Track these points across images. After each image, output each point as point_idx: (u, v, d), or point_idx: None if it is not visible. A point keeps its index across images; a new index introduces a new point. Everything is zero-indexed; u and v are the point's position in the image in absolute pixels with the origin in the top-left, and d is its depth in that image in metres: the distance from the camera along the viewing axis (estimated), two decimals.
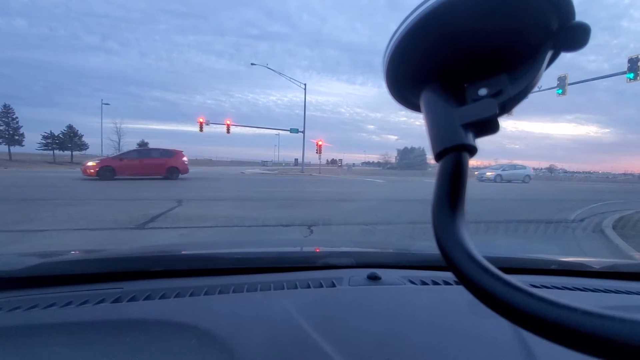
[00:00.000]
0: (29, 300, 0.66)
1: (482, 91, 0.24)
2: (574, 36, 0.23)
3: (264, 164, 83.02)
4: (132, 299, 0.68)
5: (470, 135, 0.24)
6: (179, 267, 0.85)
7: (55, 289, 0.73)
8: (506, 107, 0.24)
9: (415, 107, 0.29)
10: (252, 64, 29.65)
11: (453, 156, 0.24)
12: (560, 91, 15.02)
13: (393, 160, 55.12)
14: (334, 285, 0.78)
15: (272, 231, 4.81)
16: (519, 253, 1.21)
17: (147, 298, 0.68)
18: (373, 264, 0.91)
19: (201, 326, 0.57)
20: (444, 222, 0.22)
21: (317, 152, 31.02)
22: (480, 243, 4.16)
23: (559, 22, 0.22)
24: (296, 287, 0.76)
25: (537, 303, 0.17)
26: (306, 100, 29.24)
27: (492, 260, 0.20)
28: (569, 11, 0.22)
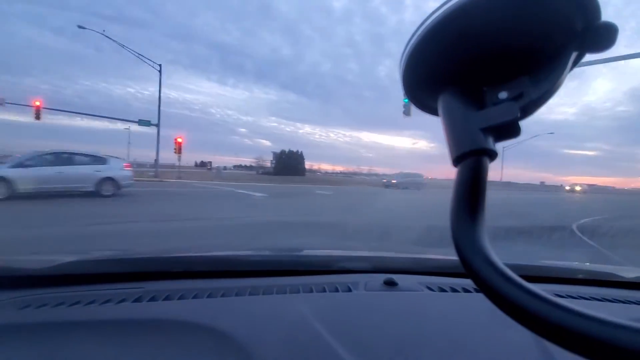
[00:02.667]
0: (56, 297, 0.69)
1: (503, 94, 0.24)
2: (600, 37, 0.21)
3: None
4: (152, 299, 0.69)
5: (490, 140, 0.23)
6: (198, 269, 0.87)
7: (80, 287, 0.76)
8: (528, 111, 0.24)
9: (432, 111, 0.28)
10: (79, 26, 21.27)
11: (473, 161, 0.23)
12: (406, 100, 15.12)
13: (268, 164, 52.19)
14: (350, 290, 0.77)
15: None
16: (541, 261, 1.16)
17: (167, 298, 0.70)
18: (389, 269, 0.91)
19: (218, 327, 0.57)
20: (464, 228, 0.22)
21: (175, 152, 24.86)
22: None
23: (583, 22, 0.21)
24: (312, 291, 0.76)
25: (564, 314, 0.17)
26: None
27: (513, 267, 0.19)
28: (595, 11, 0.21)
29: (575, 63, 0.24)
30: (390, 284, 0.80)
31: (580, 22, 0.21)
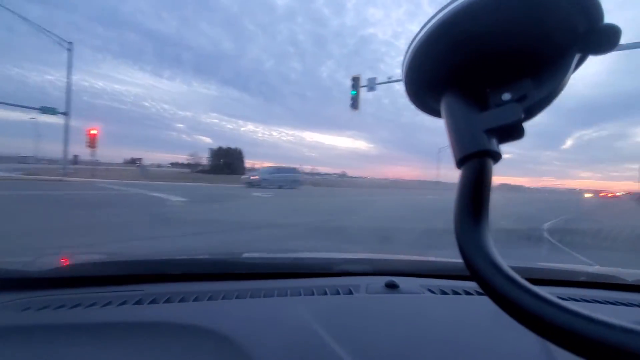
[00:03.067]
0: (57, 300, 0.69)
1: (506, 96, 0.24)
2: (603, 39, 0.22)
3: (22, 160, 64.83)
4: (153, 302, 0.69)
5: (494, 141, 0.23)
6: (198, 271, 0.87)
7: (81, 289, 0.76)
8: (531, 112, 0.24)
9: (435, 113, 0.28)
10: None
11: (476, 162, 0.23)
12: (354, 92, 13.92)
13: (204, 161, 48.45)
14: (351, 293, 0.77)
15: None
16: (544, 263, 1.17)
17: (167, 301, 0.70)
18: (391, 272, 0.90)
19: (218, 330, 0.57)
20: (467, 230, 0.22)
21: (88, 146, 21.51)
22: None
23: (586, 24, 0.21)
24: (313, 294, 0.76)
25: (570, 317, 0.17)
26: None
27: (516, 270, 0.19)
28: (597, 13, 0.21)
29: (579, 65, 0.24)
30: (392, 286, 0.80)
31: (582, 24, 0.21)
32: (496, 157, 0.23)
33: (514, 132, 0.23)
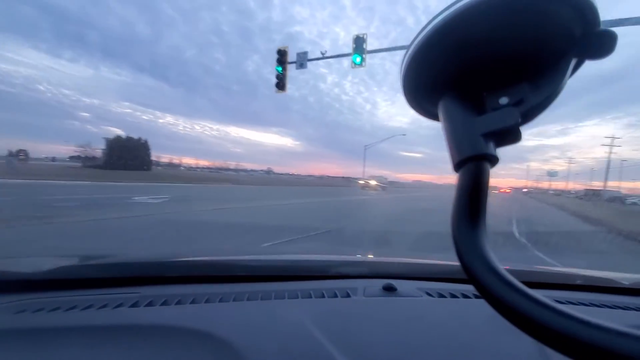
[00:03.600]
0: (52, 302, 0.68)
1: (503, 100, 0.24)
2: (599, 44, 0.22)
3: None
4: (149, 304, 0.69)
5: (491, 145, 0.23)
6: (195, 273, 0.87)
7: (77, 292, 0.75)
8: (528, 116, 0.24)
9: (433, 116, 0.28)
10: None
11: (473, 166, 0.23)
12: (279, 69, 10.89)
13: (99, 154, 39.69)
14: (348, 296, 0.77)
15: None
16: (540, 266, 1.19)
17: (164, 303, 0.69)
18: (388, 275, 0.91)
19: (215, 333, 0.57)
20: (465, 233, 0.22)
21: None
22: None
23: (582, 29, 0.22)
24: (310, 297, 0.76)
25: (567, 321, 0.17)
26: None
27: (513, 273, 0.19)
28: (594, 18, 0.21)
29: (575, 69, 0.24)
30: (389, 289, 0.80)
31: (579, 29, 0.22)
32: (493, 160, 0.24)
33: (511, 135, 0.23)
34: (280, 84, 11.31)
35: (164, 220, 6.21)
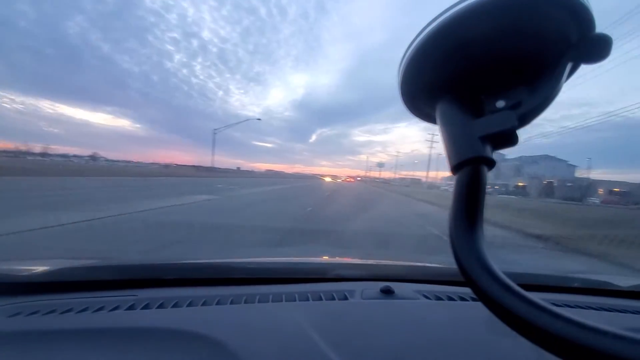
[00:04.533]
0: (47, 305, 0.68)
1: (500, 103, 0.24)
2: (595, 48, 0.22)
3: None
4: (146, 307, 0.68)
5: (488, 148, 0.23)
6: (192, 276, 0.86)
7: (72, 294, 0.74)
8: (525, 120, 0.24)
9: (430, 119, 0.28)
10: None
11: (471, 169, 0.23)
12: None
13: None
14: (346, 298, 0.77)
15: None
16: (538, 269, 1.23)
17: (160, 306, 0.69)
18: (386, 277, 0.91)
19: (212, 336, 0.56)
20: (462, 236, 0.22)
21: None
22: None
23: (578, 33, 0.22)
24: (308, 299, 0.75)
25: (564, 325, 0.17)
26: None
27: (511, 276, 0.19)
28: (589, 23, 0.21)
29: (571, 73, 0.24)
30: (387, 292, 0.80)
31: (575, 33, 0.22)
32: (490, 163, 0.23)
33: (508, 138, 0.23)
34: None
35: None
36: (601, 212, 16.55)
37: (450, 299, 0.80)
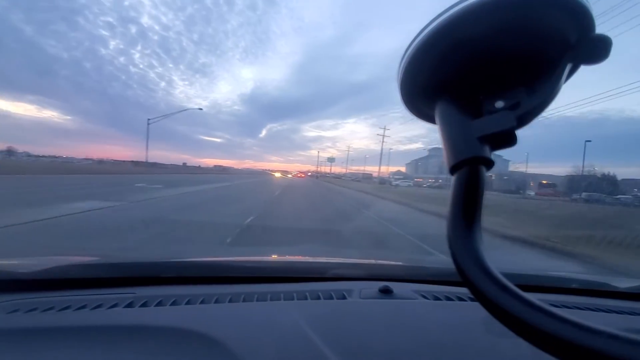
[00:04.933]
0: (46, 302, 0.67)
1: (499, 103, 0.24)
2: (594, 49, 0.22)
3: None
4: (144, 305, 0.68)
5: (487, 148, 0.23)
6: (191, 274, 0.86)
7: (71, 292, 0.74)
8: (524, 120, 0.24)
9: (429, 119, 0.28)
10: None
11: (469, 169, 0.23)
12: None
13: None
14: (344, 298, 0.77)
15: None
16: (536, 270, 1.20)
17: (159, 304, 0.69)
18: (384, 277, 0.91)
19: (211, 334, 0.56)
20: (460, 236, 0.22)
21: None
22: None
23: (578, 34, 0.22)
24: (306, 298, 0.75)
25: (560, 325, 0.17)
26: None
27: (508, 277, 0.19)
28: (589, 23, 0.21)
29: (571, 74, 0.24)
30: (386, 291, 0.80)
31: (574, 34, 0.22)
32: (489, 164, 0.23)
33: (506, 139, 0.23)
34: None
35: None
36: (543, 204, 17.88)
37: (449, 299, 0.80)
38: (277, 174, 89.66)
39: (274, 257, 1.21)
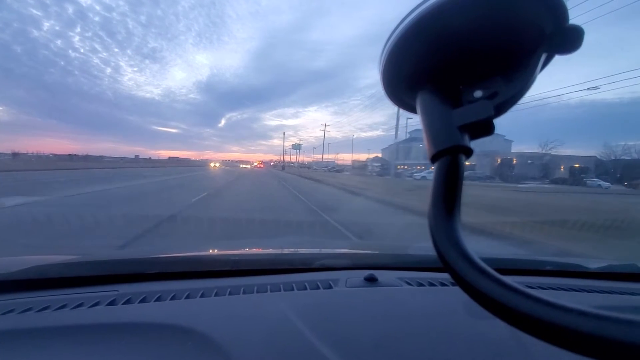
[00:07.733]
0: (23, 303, 0.65)
1: (478, 93, 0.24)
2: (568, 39, 0.23)
3: None
4: (128, 302, 0.67)
5: (466, 137, 0.24)
6: (175, 270, 0.84)
7: (50, 292, 0.72)
8: (501, 109, 0.24)
9: (411, 109, 0.29)
10: None
11: (449, 158, 0.24)
12: None
13: None
14: (330, 287, 0.78)
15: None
16: (513, 254, 1.29)
17: (143, 301, 0.68)
18: (370, 266, 0.92)
19: (197, 329, 0.56)
20: (441, 223, 0.22)
21: None
22: None
23: (553, 25, 0.22)
24: (293, 289, 0.76)
25: (534, 304, 0.18)
26: None
27: (487, 261, 0.20)
28: (563, 14, 0.22)
29: (546, 64, 0.25)
30: (371, 280, 0.81)
31: (549, 25, 0.22)
32: (468, 152, 0.24)
33: (485, 128, 0.24)
34: None
35: None
36: None
37: (431, 284, 0.82)
38: (215, 164, 72.70)
39: (260, 249, 1.21)
